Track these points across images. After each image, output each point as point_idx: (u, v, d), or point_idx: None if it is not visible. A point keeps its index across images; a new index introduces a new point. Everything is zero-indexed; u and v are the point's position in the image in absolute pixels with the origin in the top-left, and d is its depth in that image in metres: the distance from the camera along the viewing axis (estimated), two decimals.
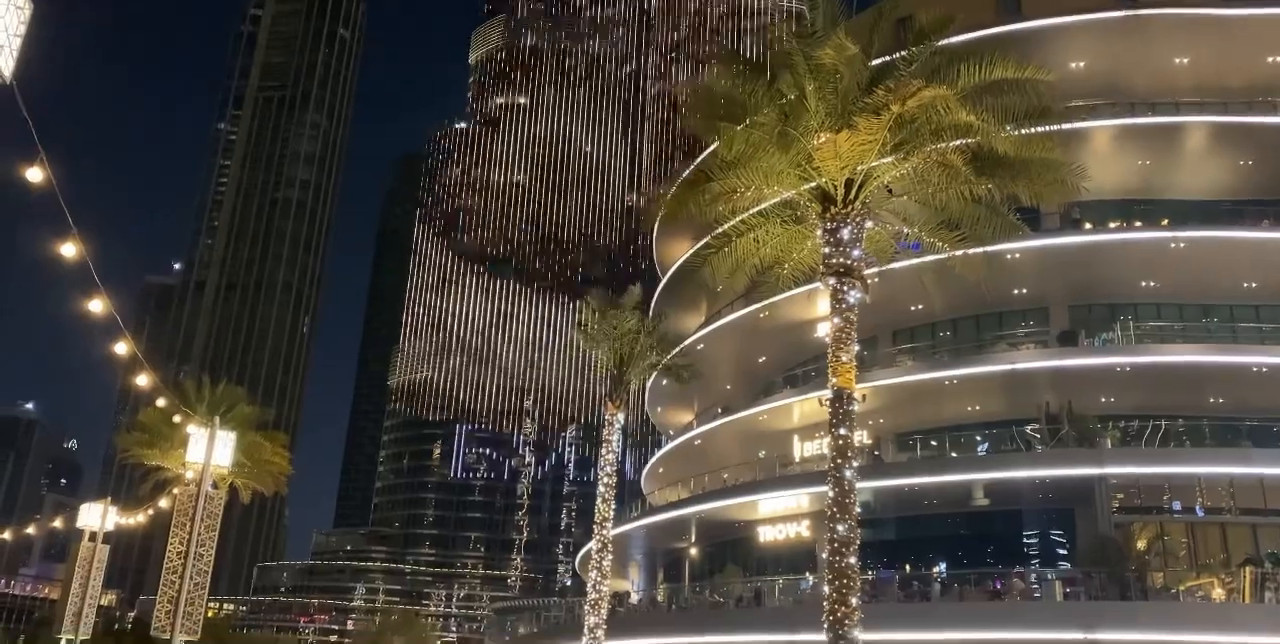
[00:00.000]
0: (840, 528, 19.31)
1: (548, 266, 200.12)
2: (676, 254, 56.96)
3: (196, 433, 22.77)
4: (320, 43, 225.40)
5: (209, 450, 21.92)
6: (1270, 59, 43.84)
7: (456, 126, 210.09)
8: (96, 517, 33.74)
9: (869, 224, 21.73)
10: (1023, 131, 20.80)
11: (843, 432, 19.94)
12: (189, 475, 25.17)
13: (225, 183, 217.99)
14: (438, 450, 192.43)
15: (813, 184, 21.22)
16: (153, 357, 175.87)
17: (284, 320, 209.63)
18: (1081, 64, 44.09)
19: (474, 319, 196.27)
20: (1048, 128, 21.47)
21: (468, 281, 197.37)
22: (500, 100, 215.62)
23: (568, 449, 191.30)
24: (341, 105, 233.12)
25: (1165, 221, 43.18)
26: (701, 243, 30.63)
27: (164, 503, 50.08)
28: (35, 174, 13.51)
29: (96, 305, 18.63)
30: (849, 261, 20.66)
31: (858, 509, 19.75)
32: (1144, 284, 43.71)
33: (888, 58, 21.88)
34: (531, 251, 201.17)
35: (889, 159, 20.84)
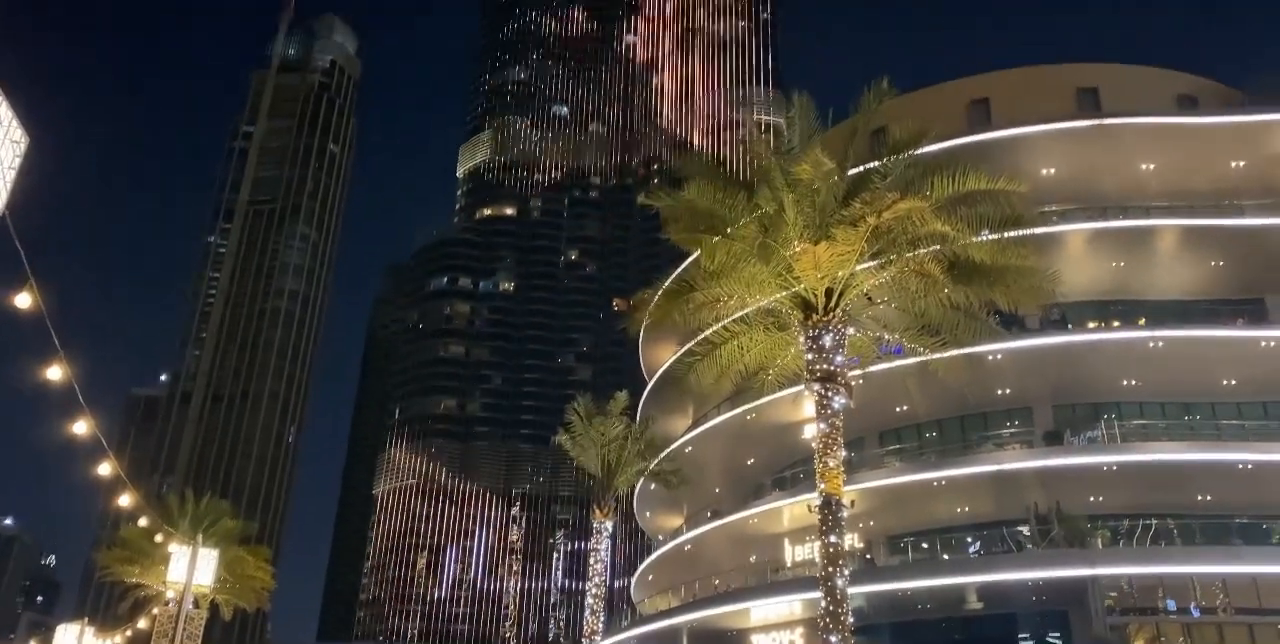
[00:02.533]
0: (834, 639, 19.17)
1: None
2: (662, 358, 57.35)
3: (179, 551, 22.59)
4: (310, 157, 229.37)
5: (190, 569, 21.72)
6: (1233, 164, 45.21)
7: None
8: (73, 639, 33.06)
9: (850, 330, 22.15)
10: (1000, 236, 21.43)
11: (833, 539, 19.97)
12: (170, 595, 24.87)
13: (214, 294, 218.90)
14: (423, 561, 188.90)
15: (794, 292, 21.69)
16: (136, 468, 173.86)
17: (269, 431, 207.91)
18: (1052, 170, 45.37)
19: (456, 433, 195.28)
20: (1022, 232, 22.13)
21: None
22: (488, 211, 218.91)
23: (556, 554, 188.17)
24: (331, 217, 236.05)
25: (1142, 321, 43.97)
26: (685, 349, 31.02)
27: (143, 623, 49.10)
28: (24, 299, 13.79)
29: (81, 427, 18.73)
30: (832, 368, 21.00)
31: (850, 618, 19.63)
32: (1125, 383, 44.13)
33: (864, 167, 22.61)
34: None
35: (869, 262, 21.39)
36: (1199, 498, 42.22)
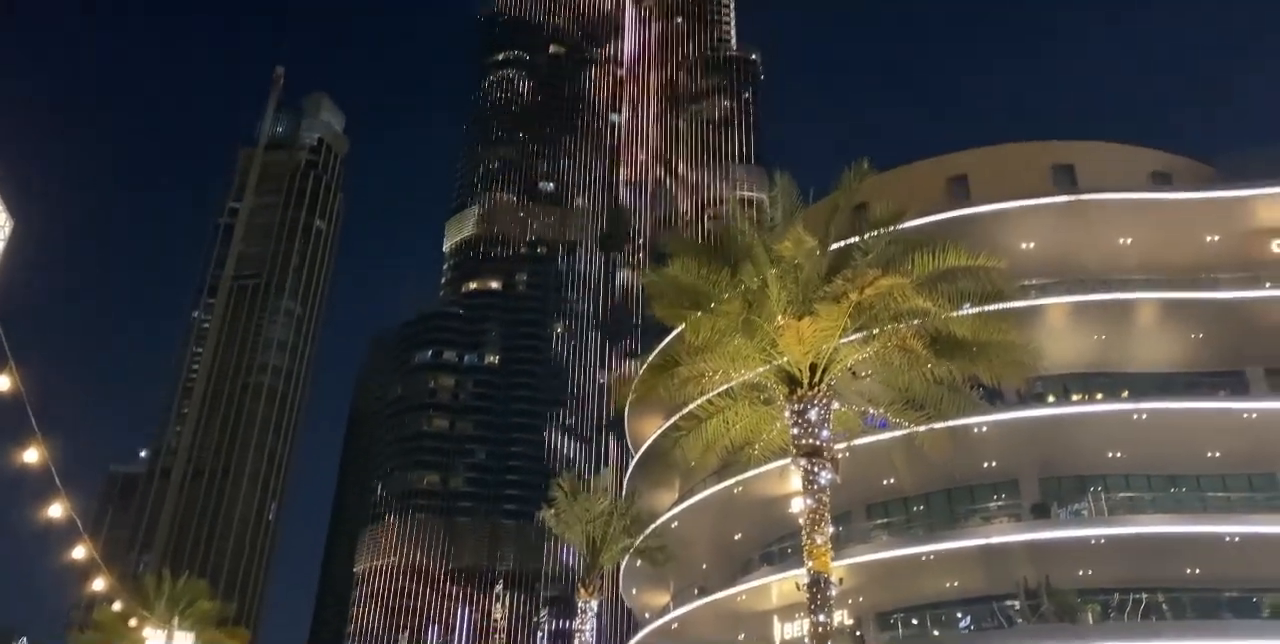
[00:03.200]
0: None
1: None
2: (648, 431, 57.16)
3: (154, 636, 22.21)
4: (296, 233, 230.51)
5: None
6: (1208, 238, 45.94)
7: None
8: None
9: (836, 405, 22.24)
10: (981, 309, 21.68)
11: (822, 617, 19.81)
12: None
13: (196, 370, 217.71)
14: (405, 640, 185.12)
15: (779, 365, 21.81)
16: (113, 547, 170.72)
17: (250, 507, 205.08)
18: (1031, 244, 45.96)
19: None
20: (1003, 306, 22.40)
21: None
22: (473, 285, 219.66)
23: (540, 633, 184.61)
24: (315, 292, 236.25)
25: (1125, 393, 44.20)
26: (670, 423, 31.01)
27: None
28: (2, 382, 13.78)
29: (57, 510, 18.55)
30: (818, 443, 21.03)
31: None
32: (1111, 455, 44.17)
33: (846, 242, 22.92)
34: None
35: (853, 336, 21.57)
36: (1188, 571, 42.00)
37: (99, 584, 21.74)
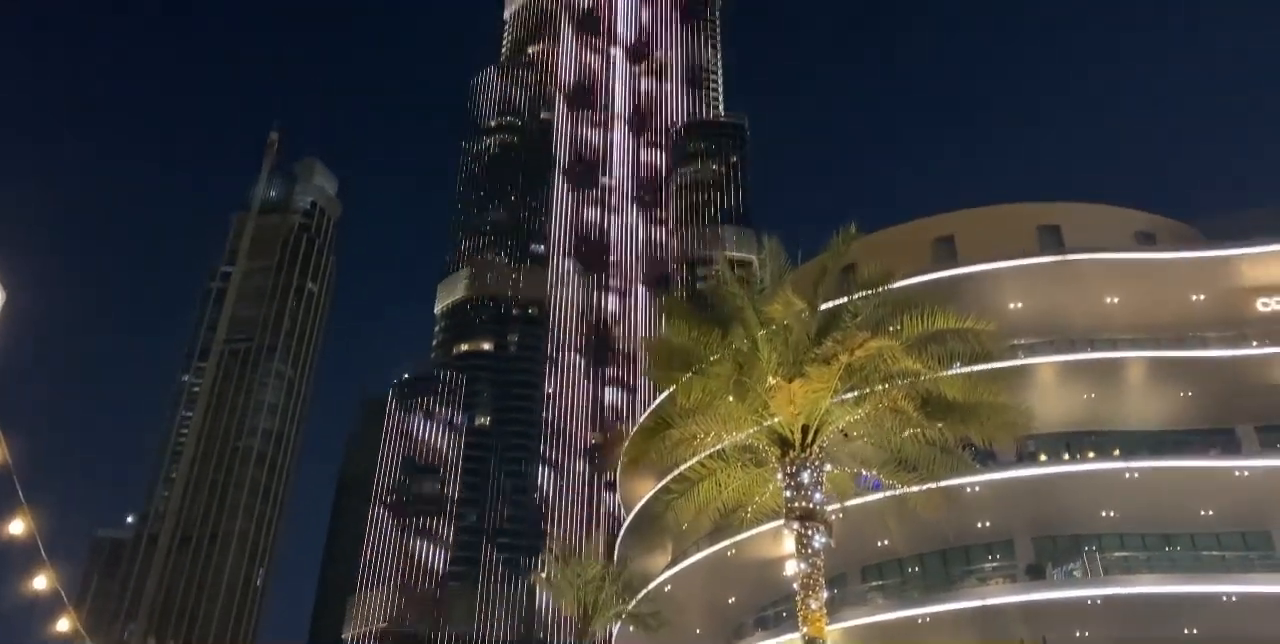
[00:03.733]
0: None
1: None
2: (640, 493, 56.83)
3: None
4: (288, 296, 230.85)
5: None
6: (1194, 297, 46.39)
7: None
8: None
9: (828, 467, 22.24)
10: (970, 369, 21.81)
11: None
12: None
13: (186, 434, 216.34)
14: None
15: (770, 427, 21.85)
16: (98, 616, 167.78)
17: (238, 573, 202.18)
18: (1019, 304, 46.36)
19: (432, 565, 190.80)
20: (992, 366, 22.55)
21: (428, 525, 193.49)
22: (465, 346, 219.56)
23: None
24: (307, 354, 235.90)
25: (1117, 452, 44.23)
26: (662, 485, 30.90)
27: None
28: None
29: (41, 582, 18.41)
30: (811, 505, 20.99)
31: None
32: (1104, 514, 44.07)
33: (835, 303, 23.11)
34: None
35: (846, 395, 21.65)
36: (1185, 631, 41.64)
37: None
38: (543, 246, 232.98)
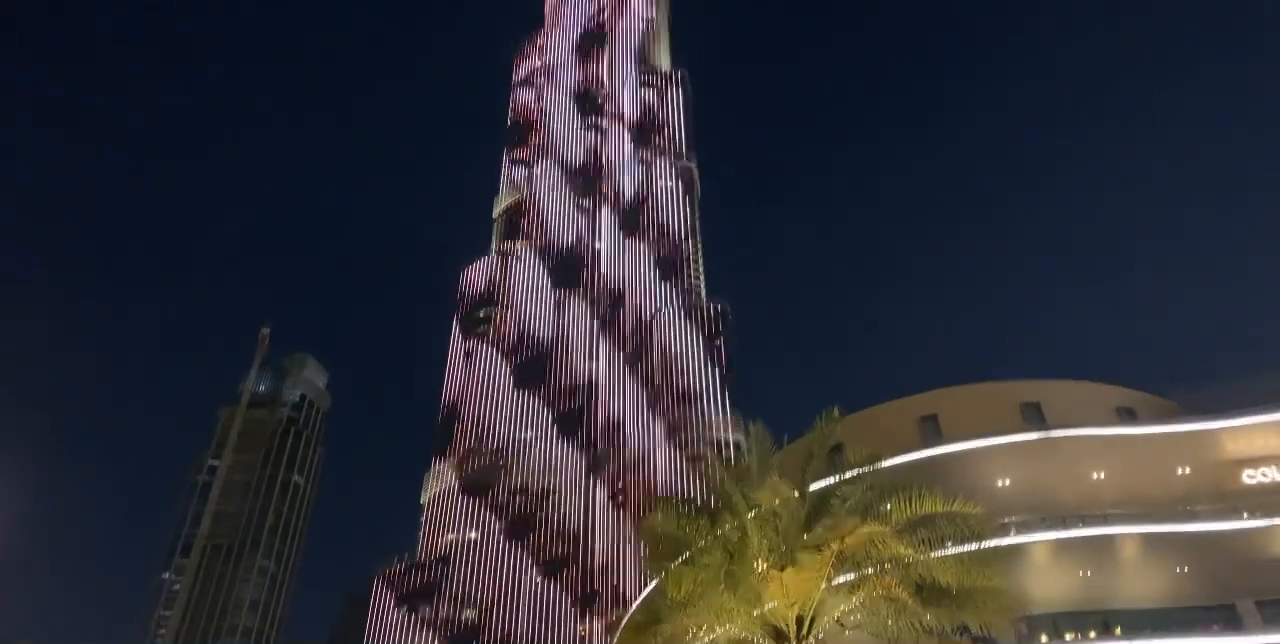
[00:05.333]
0: None
1: None
2: None
3: None
4: (274, 490, 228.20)
5: None
6: (1180, 470, 46.58)
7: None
8: None
9: None
10: (962, 549, 21.82)
11: None
12: None
13: (163, 633, 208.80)
14: None
15: (764, 615, 21.65)
16: None
17: None
18: (1007, 481, 46.42)
19: None
20: (984, 545, 22.56)
21: None
22: (450, 536, 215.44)
23: None
24: (290, 549, 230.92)
25: (1118, 630, 43.32)
26: None
27: None
28: None
29: None
30: None
31: None
32: None
33: (824, 485, 23.31)
34: None
35: (841, 578, 21.56)
36: None
37: None
38: (530, 433, 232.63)
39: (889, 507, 21.91)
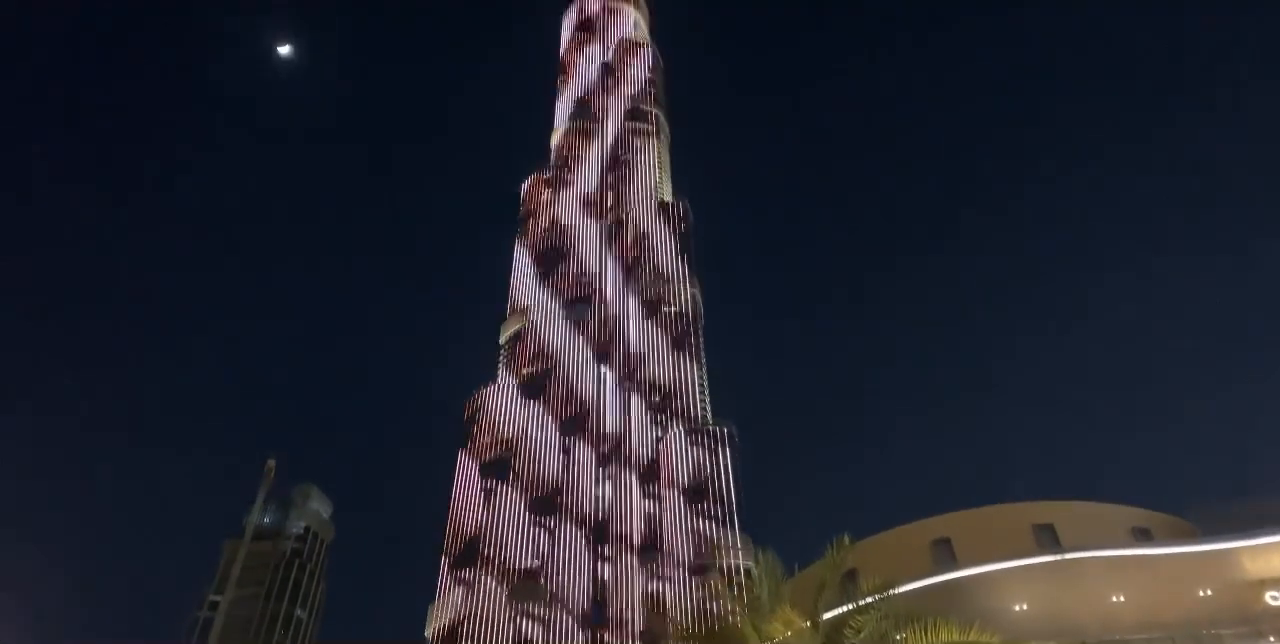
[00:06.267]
0: None
1: None
2: None
3: None
4: (275, 625, 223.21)
5: None
6: (1200, 592, 45.67)
7: None
8: None
9: None
10: None
11: None
12: None
13: None
14: None
15: None
16: None
17: None
18: (1025, 605, 45.47)
19: None
20: None
21: None
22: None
23: None
24: None
25: None
26: None
27: None
28: None
29: None
30: None
31: None
32: None
33: (837, 613, 22.96)
34: None
35: None
36: None
37: None
38: (536, 560, 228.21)
39: (903, 637, 21.54)
